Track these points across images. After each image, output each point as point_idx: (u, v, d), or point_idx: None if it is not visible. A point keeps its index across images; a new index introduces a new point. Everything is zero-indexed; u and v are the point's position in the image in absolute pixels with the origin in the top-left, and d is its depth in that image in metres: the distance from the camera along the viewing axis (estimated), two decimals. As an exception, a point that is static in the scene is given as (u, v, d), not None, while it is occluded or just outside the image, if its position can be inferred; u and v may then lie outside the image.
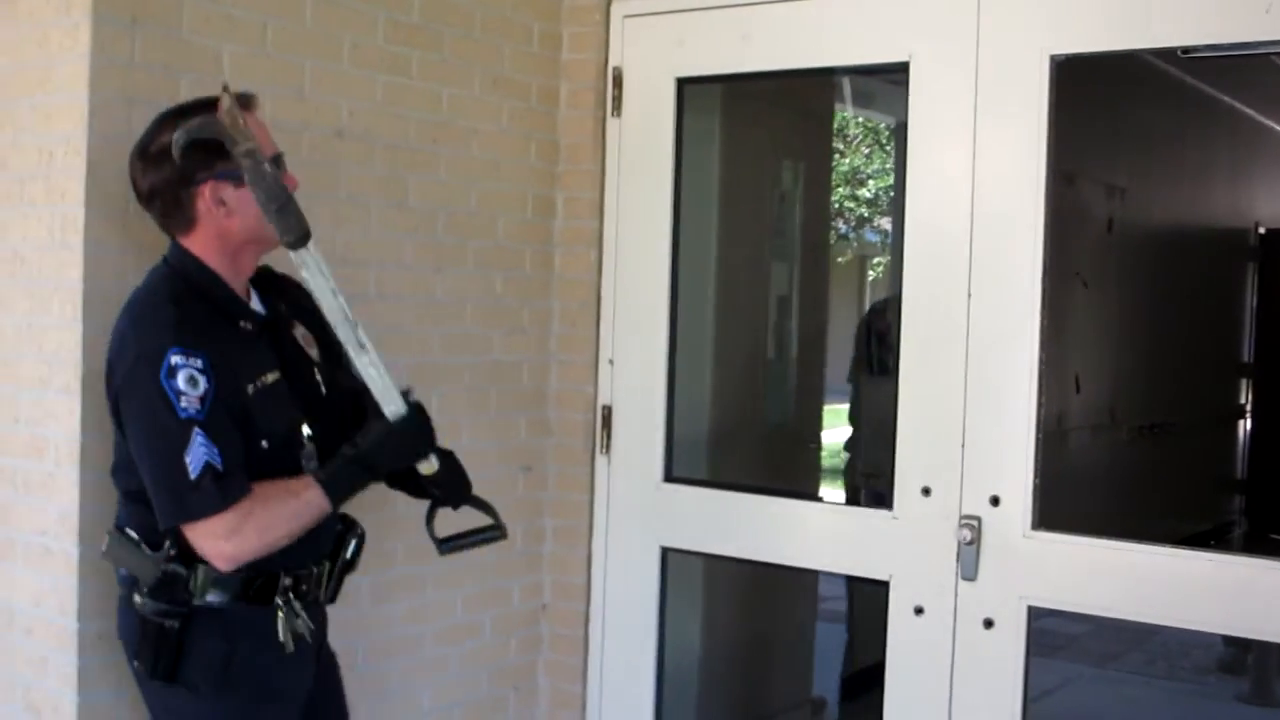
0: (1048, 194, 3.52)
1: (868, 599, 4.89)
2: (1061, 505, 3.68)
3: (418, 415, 2.82)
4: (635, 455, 4.25)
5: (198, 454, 2.59)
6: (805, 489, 5.13)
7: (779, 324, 5.51)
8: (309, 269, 2.75)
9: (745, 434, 4.52)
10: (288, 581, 2.84)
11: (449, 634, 3.92)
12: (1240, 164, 8.44)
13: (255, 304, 2.92)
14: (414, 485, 2.95)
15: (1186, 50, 3.55)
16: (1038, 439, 3.55)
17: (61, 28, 3.14)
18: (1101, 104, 5.62)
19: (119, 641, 2.94)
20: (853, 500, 5.23)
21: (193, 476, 2.59)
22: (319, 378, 2.96)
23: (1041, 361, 3.54)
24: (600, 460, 4.31)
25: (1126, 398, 7.36)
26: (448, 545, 3.00)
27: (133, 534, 2.81)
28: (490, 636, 4.17)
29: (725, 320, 4.29)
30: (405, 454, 2.85)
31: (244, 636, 2.79)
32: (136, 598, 2.78)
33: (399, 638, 3.26)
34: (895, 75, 3.83)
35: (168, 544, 2.73)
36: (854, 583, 4.89)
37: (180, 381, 2.60)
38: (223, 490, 2.62)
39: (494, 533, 3.06)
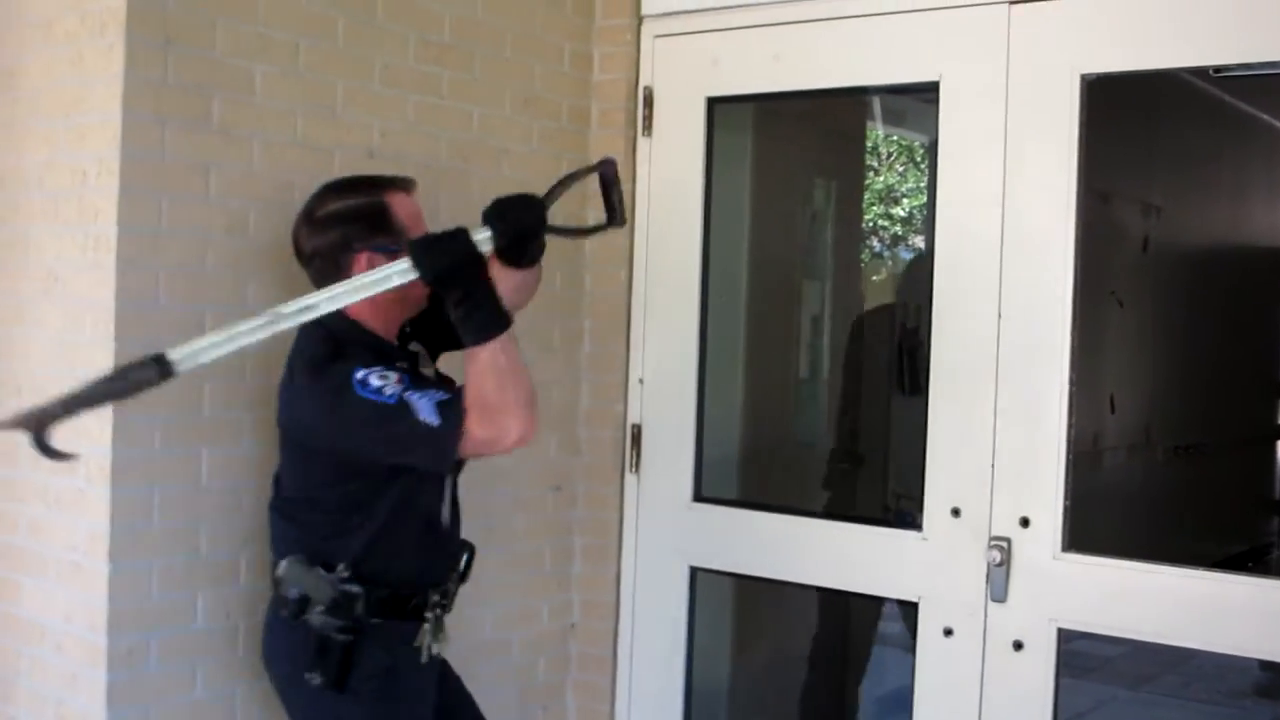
0: (1079, 213, 3.51)
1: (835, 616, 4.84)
2: (1095, 526, 3.66)
3: (416, 251, 2.77)
4: (665, 474, 4.24)
5: (425, 407, 2.78)
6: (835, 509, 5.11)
7: (812, 342, 5.48)
8: (201, 361, 2.64)
9: (776, 453, 4.50)
10: (436, 597, 3.11)
11: (478, 652, 3.91)
12: (1278, 182, 8.39)
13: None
14: (517, 249, 2.88)
15: (1218, 70, 3.56)
16: (1068, 460, 3.53)
17: (96, 48, 3.17)
18: (1137, 122, 5.59)
19: (265, 659, 3.16)
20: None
21: (436, 423, 2.77)
22: None
23: (1072, 382, 3.51)
24: (630, 479, 4.30)
25: (1163, 417, 7.31)
26: (616, 217, 2.97)
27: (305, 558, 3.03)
28: (519, 656, 4.17)
29: (757, 338, 4.29)
30: (453, 268, 2.76)
31: (400, 647, 3.05)
32: (315, 616, 2.98)
33: (428, 655, 3.29)
34: (927, 94, 3.82)
35: (341, 566, 2.99)
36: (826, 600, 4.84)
37: (374, 382, 2.81)
38: (457, 407, 2.78)
39: (604, 167, 2.98)
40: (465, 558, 3.27)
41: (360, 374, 2.83)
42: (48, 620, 3.28)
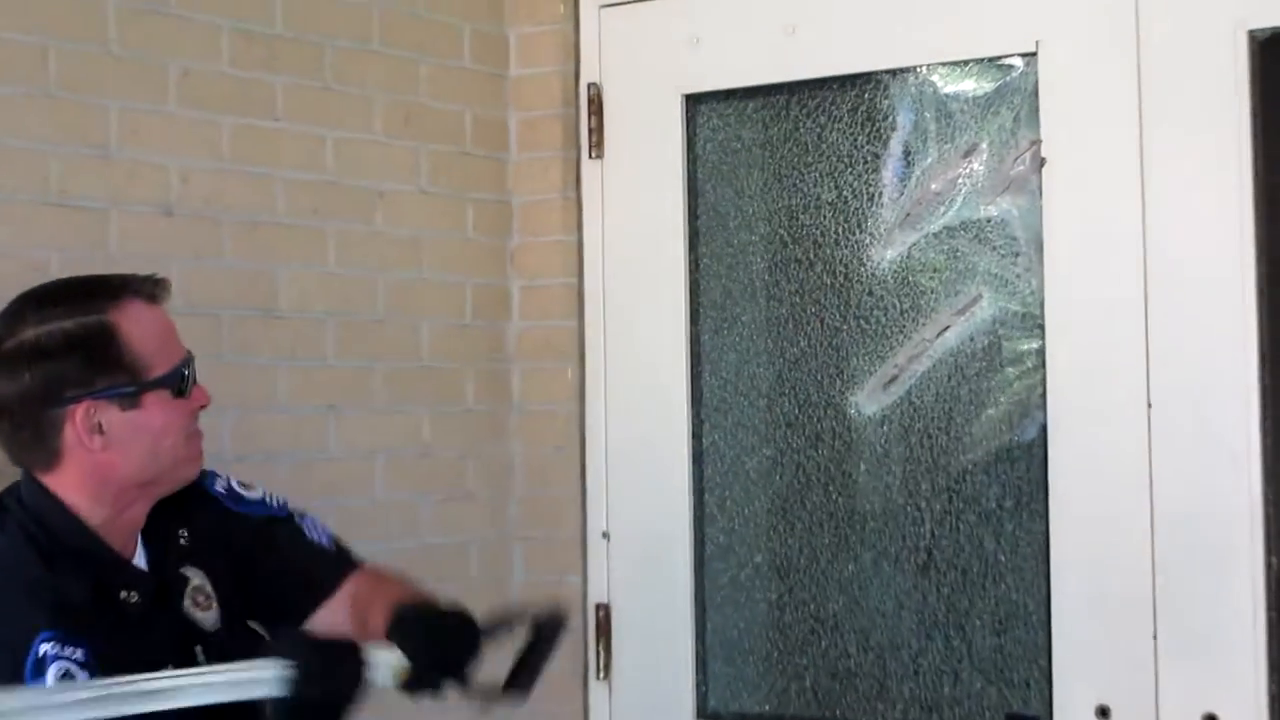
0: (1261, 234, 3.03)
1: None
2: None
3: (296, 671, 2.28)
4: (650, 679, 3.63)
5: None
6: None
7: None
8: None
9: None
10: None
11: None
12: None
13: (140, 558, 2.49)
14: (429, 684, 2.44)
15: None
16: (1271, 623, 3.01)
17: None
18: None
19: None
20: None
21: None
22: (201, 660, 2.53)
23: (1269, 499, 2.97)
24: (597, 689, 3.68)
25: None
26: (519, 684, 2.46)
27: None
28: None
29: (783, 459, 3.72)
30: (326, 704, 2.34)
31: None
32: None
33: None
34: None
35: None
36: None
37: (49, 682, 2.29)
38: None
39: (547, 636, 2.52)
40: None
41: (46, 646, 2.24)
42: None
